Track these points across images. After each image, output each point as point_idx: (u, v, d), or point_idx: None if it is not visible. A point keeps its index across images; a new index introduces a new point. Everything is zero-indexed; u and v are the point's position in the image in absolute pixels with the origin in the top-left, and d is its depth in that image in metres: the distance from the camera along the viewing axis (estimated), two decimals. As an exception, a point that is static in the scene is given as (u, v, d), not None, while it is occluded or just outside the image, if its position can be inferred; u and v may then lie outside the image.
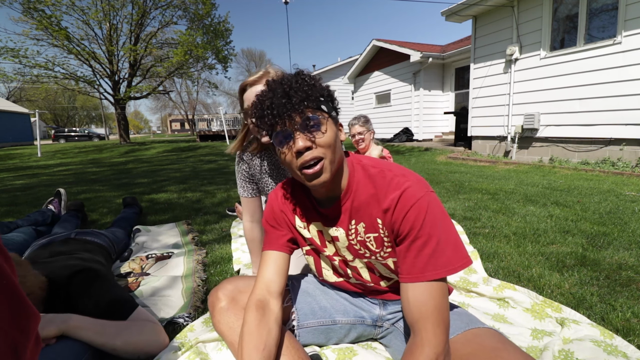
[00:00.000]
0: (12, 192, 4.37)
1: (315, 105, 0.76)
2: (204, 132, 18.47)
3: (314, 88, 0.77)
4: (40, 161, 10.60)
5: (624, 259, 1.67)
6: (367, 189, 0.84)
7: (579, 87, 5.12)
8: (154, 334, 1.07)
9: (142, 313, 1.12)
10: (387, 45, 10.55)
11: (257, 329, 0.82)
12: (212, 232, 2.38)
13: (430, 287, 0.74)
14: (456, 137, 8.30)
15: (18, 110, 25.42)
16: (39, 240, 1.66)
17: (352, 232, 0.88)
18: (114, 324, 1.04)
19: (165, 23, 15.91)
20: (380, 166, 0.85)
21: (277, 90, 0.76)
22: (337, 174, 0.83)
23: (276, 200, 0.98)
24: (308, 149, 0.76)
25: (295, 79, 0.77)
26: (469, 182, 3.92)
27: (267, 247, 0.95)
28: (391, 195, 0.79)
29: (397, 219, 0.78)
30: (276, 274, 0.91)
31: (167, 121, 60.33)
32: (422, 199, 0.76)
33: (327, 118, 0.78)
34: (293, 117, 0.75)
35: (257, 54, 47.92)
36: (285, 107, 0.74)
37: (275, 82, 0.79)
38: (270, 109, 0.75)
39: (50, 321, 0.95)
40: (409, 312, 0.75)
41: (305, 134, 0.75)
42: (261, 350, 0.79)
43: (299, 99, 0.74)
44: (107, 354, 1.02)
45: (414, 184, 0.78)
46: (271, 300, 0.87)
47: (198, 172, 5.91)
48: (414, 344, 0.72)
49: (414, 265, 0.76)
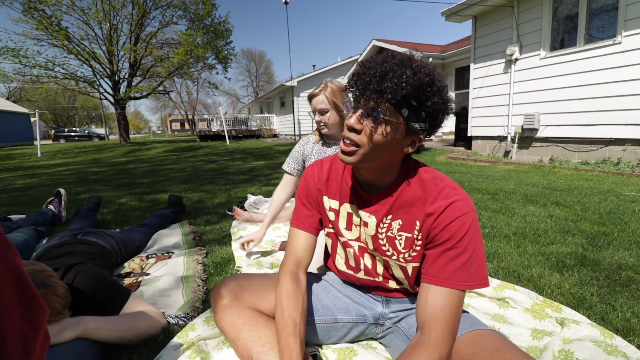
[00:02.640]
0: (12, 192, 4.37)
1: (396, 103, 0.73)
2: (204, 132, 18.48)
3: (413, 87, 0.71)
4: (40, 161, 10.61)
5: (624, 259, 1.67)
6: (415, 190, 0.85)
7: (579, 87, 5.13)
8: (158, 319, 1.17)
9: (138, 299, 1.20)
10: (387, 45, 10.55)
11: (294, 293, 0.89)
12: (213, 232, 2.38)
13: (450, 294, 0.77)
14: (456, 137, 8.30)
15: (18, 110, 25.42)
16: (50, 241, 1.65)
17: (385, 226, 0.89)
18: (125, 317, 1.09)
19: (166, 23, 15.93)
20: (434, 174, 0.86)
21: (382, 65, 0.73)
22: (378, 169, 0.84)
23: (312, 177, 1.00)
24: (354, 130, 0.77)
25: (407, 63, 0.73)
26: (469, 182, 3.93)
27: (297, 225, 1.00)
28: (439, 202, 0.81)
29: (439, 225, 0.80)
30: (306, 251, 0.97)
31: (167, 121, 60.34)
32: (468, 215, 0.79)
33: (400, 123, 0.75)
34: (369, 98, 0.74)
35: (257, 54, 47.99)
36: (368, 84, 0.73)
37: (391, 56, 0.76)
38: (360, 77, 0.75)
39: (64, 327, 0.96)
40: (424, 311, 0.77)
41: (364, 117, 0.75)
42: (300, 312, 0.86)
43: (388, 87, 0.70)
44: (111, 345, 1.05)
45: (463, 199, 0.81)
46: (300, 273, 0.95)
47: (199, 172, 5.91)
48: (421, 342, 0.73)
49: (442, 271, 0.79)
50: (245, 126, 19.33)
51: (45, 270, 1.04)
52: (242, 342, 0.92)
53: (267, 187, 4.03)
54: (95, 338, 1.00)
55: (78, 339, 0.97)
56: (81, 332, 0.97)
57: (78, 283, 1.14)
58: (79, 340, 0.96)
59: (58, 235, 1.69)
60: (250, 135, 18.87)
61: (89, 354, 0.97)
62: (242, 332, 0.93)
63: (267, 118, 19.62)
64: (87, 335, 0.98)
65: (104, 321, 1.04)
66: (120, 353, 1.07)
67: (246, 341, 0.92)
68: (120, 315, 1.12)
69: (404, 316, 1.00)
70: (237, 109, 47.17)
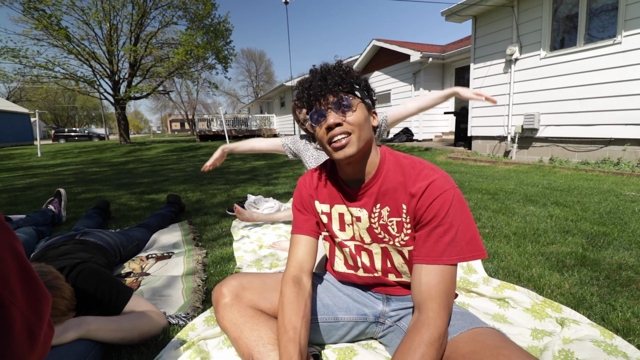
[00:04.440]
0: (12, 192, 4.37)
1: (348, 89, 0.85)
2: (204, 132, 18.47)
3: (349, 74, 0.86)
4: (40, 161, 10.61)
5: (624, 259, 1.67)
6: (396, 176, 0.90)
7: (579, 87, 5.13)
8: (159, 319, 1.17)
9: (140, 299, 1.20)
10: (387, 45, 10.54)
11: (296, 299, 0.89)
12: (212, 232, 2.38)
13: (442, 271, 0.81)
14: (456, 137, 8.30)
15: (18, 110, 25.42)
16: (47, 241, 1.66)
17: (376, 215, 0.93)
18: (126, 317, 1.09)
19: (166, 23, 15.91)
20: (411, 159, 0.92)
21: (316, 74, 0.87)
22: (365, 156, 0.90)
23: (304, 185, 1.05)
24: (338, 125, 0.84)
25: (333, 66, 0.88)
26: (469, 182, 3.93)
27: (296, 231, 1.01)
28: (419, 183, 0.86)
29: (422, 206, 0.85)
30: (307, 255, 0.98)
31: (167, 121, 60.32)
32: (448, 192, 0.83)
33: (359, 101, 0.86)
34: (327, 98, 0.84)
35: (257, 54, 47.97)
36: (321, 88, 0.84)
37: (315, 69, 0.89)
38: (308, 90, 0.86)
39: (66, 328, 0.96)
40: (419, 292, 0.81)
41: (337, 112, 0.84)
42: (301, 317, 0.86)
43: (334, 82, 0.84)
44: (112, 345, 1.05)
45: (441, 177, 0.85)
46: (304, 277, 0.95)
47: (199, 173, 5.91)
48: (420, 321, 0.77)
49: (433, 249, 0.82)
50: (245, 126, 19.34)
51: (52, 272, 1.05)
52: (244, 341, 0.92)
53: (267, 187, 4.03)
54: (97, 338, 1.00)
55: (79, 339, 0.96)
56: (83, 333, 0.97)
57: (81, 282, 1.14)
58: (80, 341, 0.96)
59: (57, 236, 1.69)
60: (251, 135, 18.87)
61: (90, 355, 0.97)
62: (244, 331, 0.93)
63: (267, 118, 19.63)
64: (89, 336, 0.98)
65: (106, 322, 1.04)
66: (120, 353, 1.07)
67: (247, 340, 0.92)
68: (121, 315, 1.12)
69: (404, 315, 1.00)
70: (237, 109, 47.19)
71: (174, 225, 2.50)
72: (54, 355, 0.89)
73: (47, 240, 1.67)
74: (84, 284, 1.13)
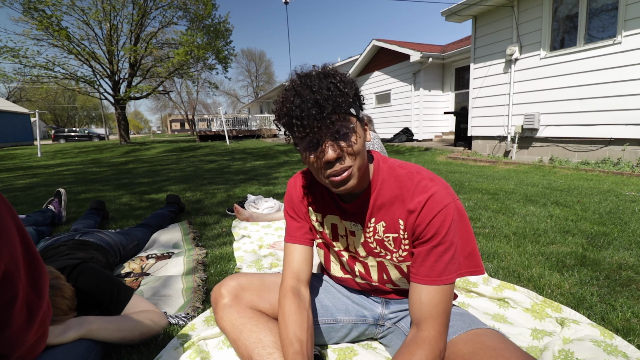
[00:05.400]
0: (12, 192, 4.37)
1: (346, 111, 0.72)
2: (204, 132, 18.47)
3: (345, 94, 0.72)
4: (40, 161, 10.61)
5: (624, 259, 1.67)
6: (392, 188, 0.84)
7: (579, 87, 5.12)
8: (160, 319, 1.17)
9: (140, 299, 1.20)
10: (387, 45, 10.54)
11: (298, 310, 0.85)
12: (212, 232, 2.38)
13: (443, 291, 0.77)
14: (456, 137, 8.30)
15: (18, 110, 25.41)
16: (47, 241, 1.66)
17: (370, 230, 0.89)
18: (127, 317, 1.09)
19: (166, 23, 15.93)
20: (408, 167, 0.85)
21: (306, 97, 0.70)
22: (365, 172, 0.83)
23: (295, 189, 0.99)
24: (338, 159, 0.74)
25: (326, 84, 0.71)
26: (469, 182, 3.92)
27: (289, 240, 0.97)
28: (418, 198, 0.79)
29: (422, 222, 0.79)
30: (303, 264, 0.94)
31: (167, 121, 60.33)
32: (449, 207, 0.77)
33: (356, 123, 0.75)
34: (322, 129, 0.70)
35: (257, 54, 48.00)
36: (316, 118, 0.69)
37: (302, 84, 0.72)
38: (300, 120, 0.70)
39: (67, 328, 0.96)
40: (419, 310, 0.78)
41: (336, 143, 0.73)
42: (305, 330, 0.83)
43: (331, 109, 0.69)
44: (112, 345, 1.05)
45: (441, 190, 0.79)
46: (302, 288, 0.91)
47: (199, 172, 5.91)
48: (421, 338, 0.75)
49: (432, 269, 0.78)
50: (245, 126, 19.33)
51: (53, 272, 1.05)
52: (243, 342, 0.92)
53: (267, 187, 4.03)
54: (98, 338, 1.00)
55: (81, 340, 0.96)
56: (84, 333, 0.97)
57: (81, 282, 1.14)
58: (82, 341, 0.96)
59: (57, 236, 1.69)
60: (251, 135, 18.87)
61: (92, 355, 0.97)
62: (243, 333, 0.93)
63: (267, 118, 19.62)
64: (89, 336, 0.98)
65: (107, 321, 1.04)
66: (120, 353, 1.07)
67: (247, 342, 0.91)
68: (122, 315, 1.12)
69: (403, 316, 1.00)
70: (237, 109, 47.22)
71: (173, 225, 2.49)
72: (56, 355, 0.89)
73: (47, 241, 1.67)
74: (84, 284, 1.13)
